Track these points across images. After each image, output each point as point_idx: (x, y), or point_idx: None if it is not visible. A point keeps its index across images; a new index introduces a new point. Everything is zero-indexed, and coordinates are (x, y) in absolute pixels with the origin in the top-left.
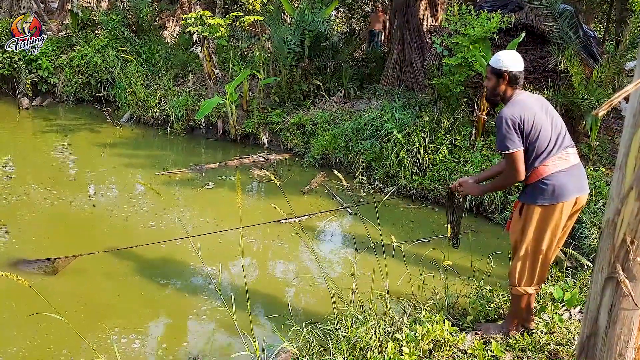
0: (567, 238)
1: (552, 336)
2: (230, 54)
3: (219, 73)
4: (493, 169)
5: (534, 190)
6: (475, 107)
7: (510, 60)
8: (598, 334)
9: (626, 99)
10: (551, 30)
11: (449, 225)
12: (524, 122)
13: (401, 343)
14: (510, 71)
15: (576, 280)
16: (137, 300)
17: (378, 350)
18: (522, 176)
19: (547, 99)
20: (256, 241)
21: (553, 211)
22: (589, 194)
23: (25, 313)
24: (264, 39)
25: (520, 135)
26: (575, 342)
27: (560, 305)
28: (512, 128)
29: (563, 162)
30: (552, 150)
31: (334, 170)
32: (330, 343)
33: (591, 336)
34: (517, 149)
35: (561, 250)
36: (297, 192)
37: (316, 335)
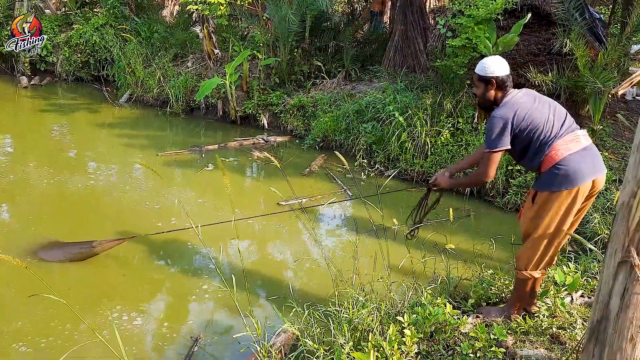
0: None
1: (554, 320)
2: (231, 34)
3: (219, 53)
4: (468, 159)
5: (549, 177)
6: None
7: (496, 65)
8: (609, 318)
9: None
10: (557, 12)
11: (412, 214)
12: (515, 116)
13: (403, 325)
14: (497, 77)
15: (578, 264)
16: (138, 280)
17: (380, 332)
18: (490, 179)
19: (551, 82)
20: (255, 223)
21: (569, 196)
22: None
23: (31, 293)
24: (264, 18)
25: (511, 133)
26: (577, 326)
27: (562, 290)
28: (499, 127)
29: (575, 145)
30: (558, 132)
31: (335, 152)
32: (332, 324)
33: (602, 320)
34: (497, 148)
35: None
36: (297, 175)
37: (317, 316)
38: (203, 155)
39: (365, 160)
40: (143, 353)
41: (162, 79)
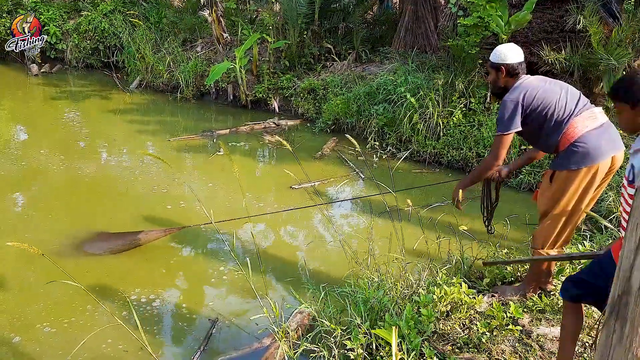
0: None
1: None
2: (239, 17)
3: (228, 37)
4: (525, 155)
5: (568, 155)
6: None
7: (508, 52)
8: (630, 293)
9: None
10: None
11: (483, 212)
12: (525, 97)
13: (419, 305)
14: (507, 64)
15: (594, 242)
16: (155, 264)
17: (396, 312)
18: (500, 162)
19: (564, 60)
20: (267, 206)
21: (589, 174)
22: None
23: (50, 279)
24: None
25: (522, 114)
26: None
27: (577, 268)
28: (510, 110)
29: (592, 122)
30: (573, 110)
31: (347, 135)
32: (348, 305)
33: (623, 295)
34: (509, 130)
35: None
36: (309, 158)
37: (333, 297)
38: (215, 140)
39: (377, 143)
40: (161, 335)
41: (171, 64)
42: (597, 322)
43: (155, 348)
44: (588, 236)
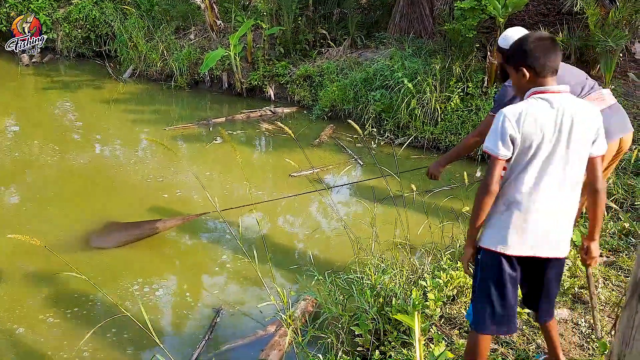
0: None
1: (575, 280)
2: (233, 4)
3: (222, 24)
4: (457, 148)
5: None
6: (488, 53)
7: (515, 37)
8: None
9: None
10: None
11: None
12: None
13: (425, 289)
14: None
15: None
16: (157, 253)
17: (402, 297)
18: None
19: (562, 43)
20: (267, 195)
21: None
22: None
23: (53, 270)
24: None
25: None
26: (599, 285)
27: (581, 250)
28: (509, 96)
29: (600, 103)
30: (580, 92)
31: (349, 121)
32: (355, 291)
33: None
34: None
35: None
36: (307, 146)
37: (339, 284)
38: (211, 129)
39: (375, 129)
40: (166, 325)
41: (165, 52)
42: (619, 302)
43: (159, 338)
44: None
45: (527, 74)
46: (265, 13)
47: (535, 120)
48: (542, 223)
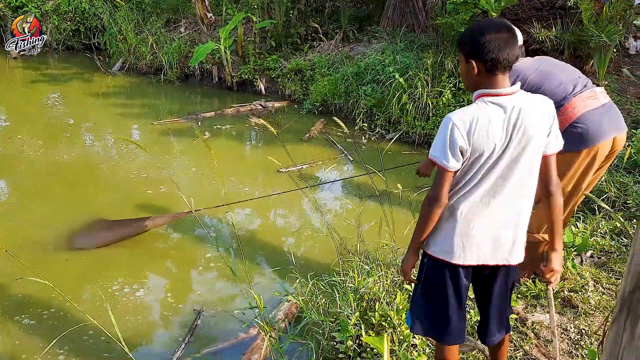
0: None
1: (565, 283)
2: None
3: (212, 17)
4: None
5: (566, 136)
6: None
7: None
8: None
9: (635, 37)
10: None
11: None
12: (515, 82)
13: (410, 293)
14: None
15: (586, 224)
16: (138, 252)
17: (387, 301)
18: None
19: (555, 38)
20: (252, 191)
21: (589, 155)
22: None
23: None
24: None
25: None
26: (589, 289)
27: (571, 251)
28: None
29: (592, 102)
30: (572, 90)
31: (334, 118)
32: (337, 294)
33: (635, 290)
34: None
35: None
36: (297, 141)
37: (322, 287)
38: (199, 123)
39: (366, 124)
40: (146, 326)
41: (154, 45)
42: (606, 319)
43: (139, 339)
44: (581, 217)
45: (476, 68)
46: (256, 6)
47: (487, 130)
48: (490, 231)
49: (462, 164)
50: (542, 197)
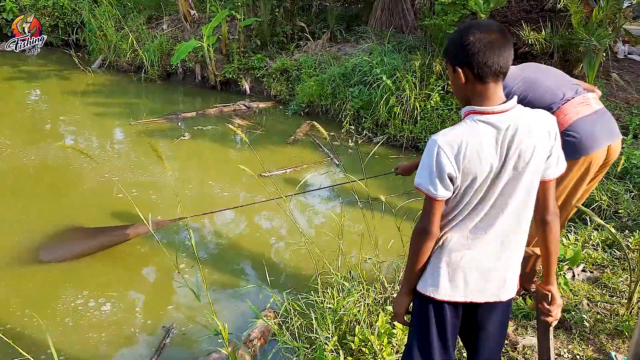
0: None
1: None
2: None
3: (196, 14)
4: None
5: None
6: None
7: None
8: None
9: (624, 41)
10: None
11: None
12: (511, 91)
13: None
14: None
15: (578, 236)
16: (107, 263)
17: (367, 323)
18: None
19: (544, 41)
20: (230, 196)
21: (583, 165)
22: None
23: None
24: None
25: None
26: (583, 308)
27: (563, 265)
28: None
29: (585, 108)
30: (563, 95)
31: (314, 123)
32: (314, 316)
33: None
34: None
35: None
36: (282, 143)
37: (297, 307)
38: (180, 124)
39: (353, 127)
40: (110, 344)
41: (135, 42)
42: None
43: (102, 359)
44: (572, 229)
45: (463, 77)
46: (241, 3)
47: (479, 154)
48: (481, 263)
49: (454, 193)
50: (537, 227)
